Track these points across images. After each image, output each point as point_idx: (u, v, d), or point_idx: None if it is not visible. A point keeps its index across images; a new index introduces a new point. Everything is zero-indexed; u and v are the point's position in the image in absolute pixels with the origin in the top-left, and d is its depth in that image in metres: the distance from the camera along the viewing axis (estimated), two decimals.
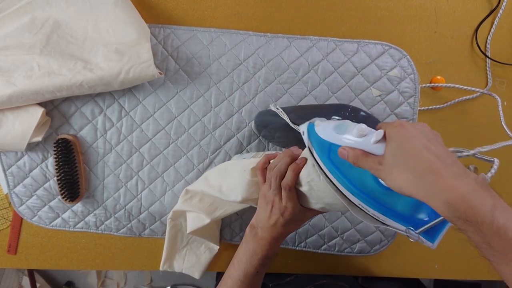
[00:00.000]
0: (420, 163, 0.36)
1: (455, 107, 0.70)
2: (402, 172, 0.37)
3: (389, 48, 0.66)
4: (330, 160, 0.44)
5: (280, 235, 0.53)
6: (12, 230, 0.69)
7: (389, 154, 0.38)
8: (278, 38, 0.66)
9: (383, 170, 0.38)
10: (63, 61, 0.58)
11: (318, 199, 0.49)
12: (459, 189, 0.33)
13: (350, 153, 0.41)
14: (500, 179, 0.71)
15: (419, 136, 0.38)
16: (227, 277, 0.55)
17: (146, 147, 0.66)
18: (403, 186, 0.37)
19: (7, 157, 0.65)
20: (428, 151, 0.36)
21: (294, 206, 0.50)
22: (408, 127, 0.38)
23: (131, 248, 0.70)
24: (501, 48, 0.69)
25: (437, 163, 0.35)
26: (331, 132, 0.44)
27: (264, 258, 0.53)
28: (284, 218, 0.51)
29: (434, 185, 0.34)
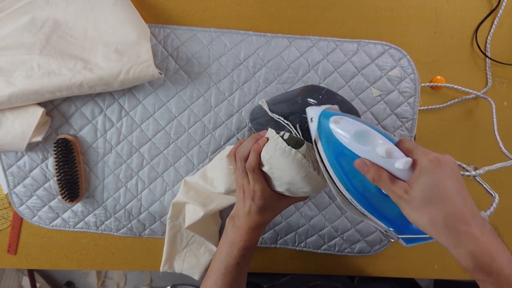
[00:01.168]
0: (452, 209, 0.35)
1: (455, 107, 0.70)
2: (431, 212, 0.36)
3: (389, 48, 0.66)
4: (336, 159, 0.43)
5: (257, 224, 0.52)
6: (12, 230, 0.69)
7: (420, 189, 0.37)
8: (278, 38, 0.66)
9: (408, 202, 0.37)
10: (63, 61, 0.58)
11: (279, 179, 0.48)
12: (483, 241, 0.34)
13: (373, 172, 0.39)
14: (501, 179, 0.71)
15: (454, 179, 0.37)
16: (210, 271, 0.55)
17: (146, 147, 0.66)
18: (428, 226, 0.36)
19: (7, 157, 0.65)
20: (461, 198, 0.36)
21: (263, 189, 0.50)
22: (444, 165, 0.37)
23: (131, 248, 0.70)
24: (501, 48, 0.69)
25: (467, 212, 0.35)
26: (350, 138, 0.41)
27: (243, 249, 0.52)
28: (256, 204, 0.50)
29: (462, 234, 0.35)
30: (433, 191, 0.36)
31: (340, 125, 0.42)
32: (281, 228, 0.68)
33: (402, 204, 0.38)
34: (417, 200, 0.37)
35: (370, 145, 0.40)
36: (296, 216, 0.68)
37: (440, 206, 0.36)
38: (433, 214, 0.36)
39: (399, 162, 0.38)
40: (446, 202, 0.36)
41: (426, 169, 0.37)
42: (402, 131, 0.66)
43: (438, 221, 0.36)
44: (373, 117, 0.65)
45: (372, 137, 0.40)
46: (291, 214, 0.68)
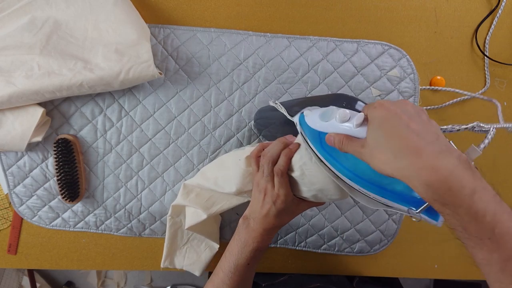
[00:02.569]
0: (398, 142, 0.34)
1: (455, 107, 0.70)
2: (382, 152, 0.35)
3: (388, 48, 0.66)
4: (323, 148, 0.43)
5: (272, 227, 0.52)
6: (12, 230, 0.69)
7: (370, 135, 0.37)
8: (278, 38, 0.66)
9: (365, 152, 0.37)
10: (63, 61, 0.58)
11: (310, 185, 0.49)
12: (439, 169, 0.31)
13: (335, 139, 0.40)
14: (500, 180, 0.71)
15: (400, 114, 0.35)
16: (219, 269, 0.54)
17: (146, 147, 0.66)
18: (384, 167, 0.35)
19: (7, 157, 0.65)
20: (408, 129, 0.34)
21: (287, 194, 0.50)
22: (389, 106, 0.36)
23: (131, 248, 0.70)
24: (500, 48, 0.69)
25: (417, 141, 0.33)
26: (317, 120, 0.43)
27: (256, 250, 0.52)
28: (276, 207, 0.50)
29: (413, 165, 0.33)
30: (379, 131, 0.36)
31: (310, 114, 0.45)
32: (281, 228, 0.68)
33: (364, 157, 0.38)
34: (370, 147, 0.36)
35: (331, 119, 0.41)
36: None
37: (387, 143, 0.35)
38: (384, 154, 0.35)
39: (352, 120, 0.38)
40: (391, 138, 0.34)
41: (372, 115, 0.37)
42: None
43: (389, 158, 0.34)
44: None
45: (333, 112, 0.42)
46: None
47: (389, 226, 0.69)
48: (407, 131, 0.34)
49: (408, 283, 1.56)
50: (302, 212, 0.55)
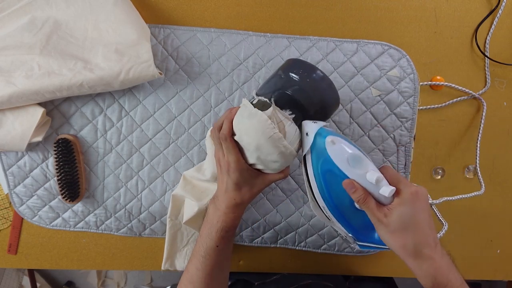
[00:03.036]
0: (422, 237, 0.42)
1: (454, 107, 0.70)
2: (405, 238, 0.42)
3: (388, 48, 0.66)
4: (322, 173, 0.47)
5: (234, 203, 0.51)
6: (13, 230, 0.69)
7: (399, 217, 0.42)
8: (278, 38, 0.66)
9: (386, 225, 0.43)
10: (63, 61, 0.58)
11: (248, 146, 0.48)
12: (441, 265, 0.42)
13: (359, 194, 0.44)
14: (500, 180, 0.71)
15: (426, 211, 0.43)
16: (192, 255, 0.54)
17: (146, 147, 0.66)
18: (399, 248, 0.43)
19: (8, 157, 0.65)
20: (430, 228, 0.43)
21: (236, 160, 0.49)
22: (421, 199, 0.43)
23: (131, 248, 0.70)
24: (500, 48, 0.69)
25: (431, 241, 0.42)
26: (344, 160, 0.45)
27: (221, 230, 0.51)
28: (231, 178, 0.49)
29: (426, 259, 0.42)
30: (409, 220, 0.42)
31: (335, 146, 0.46)
32: (281, 228, 0.68)
33: (380, 226, 0.44)
34: (394, 225, 0.43)
35: (361, 170, 0.45)
36: (296, 216, 0.68)
37: (412, 234, 0.42)
38: (406, 240, 0.42)
39: (385, 190, 0.43)
40: (418, 231, 0.42)
41: (407, 201, 0.43)
42: (401, 130, 0.66)
43: (409, 246, 0.42)
44: (372, 117, 0.65)
45: (364, 162, 0.45)
46: (291, 214, 0.68)
47: None
48: (429, 230, 0.43)
49: (408, 283, 1.56)
50: (264, 186, 0.52)
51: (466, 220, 0.71)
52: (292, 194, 0.67)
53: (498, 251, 0.73)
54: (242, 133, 0.48)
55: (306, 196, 0.67)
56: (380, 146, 0.66)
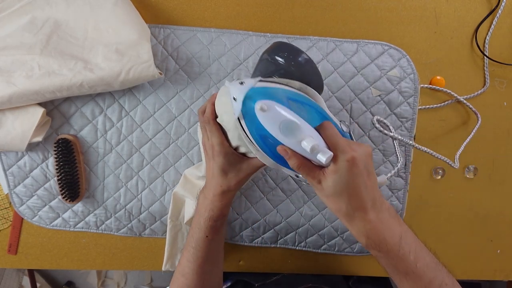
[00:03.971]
0: (355, 201, 0.42)
1: (455, 107, 0.70)
2: (338, 202, 0.42)
3: (388, 48, 0.66)
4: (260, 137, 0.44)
5: (221, 190, 0.50)
6: (13, 230, 0.69)
7: (332, 183, 0.42)
8: (278, 38, 0.66)
9: (320, 190, 0.43)
10: (63, 61, 0.58)
11: (228, 124, 0.47)
12: (376, 225, 0.42)
13: (293, 160, 0.42)
14: (500, 180, 0.71)
15: (364, 175, 0.42)
16: (184, 248, 0.53)
17: (146, 147, 0.66)
18: (335, 212, 0.44)
19: (8, 157, 0.65)
20: (365, 190, 0.42)
21: (220, 142, 0.48)
22: (359, 164, 0.41)
23: (131, 248, 0.70)
24: (501, 48, 0.69)
25: (367, 201, 0.42)
26: (276, 128, 0.42)
27: (210, 220, 0.50)
28: (217, 162, 0.49)
29: (358, 220, 0.42)
30: (343, 187, 0.41)
31: (266, 113, 0.42)
32: (281, 228, 0.68)
33: (316, 189, 0.44)
34: (328, 190, 0.42)
35: (295, 138, 0.42)
36: (296, 216, 0.68)
37: (346, 199, 0.42)
38: (339, 205, 0.42)
39: (321, 157, 0.41)
40: (352, 197, 0.42)
41: (341, 168, 0.41)
42: (401, 130, 0.66)
43: (343, 210, 0.42)
44: (373, 117, 0.65)
45: (299, 129, 0.42)
46: (291, 214, 0.68)
47: None
48: (364, 192, 0.42)
49: None
50: (250, 172, 0.51)
51: (466, 220, 0.71)
52: (292, 194, 0.67)
53: (498, 251, 0.73)
54: (222, 112, 0.47)
55: (306, 196, 0.67)
56: (380, 146, 0.66)
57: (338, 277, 0.77)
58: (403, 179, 0.67)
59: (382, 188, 0.67)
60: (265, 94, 0.44)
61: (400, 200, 0.68)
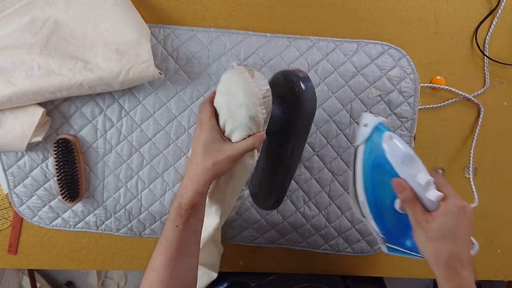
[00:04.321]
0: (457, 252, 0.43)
1: (454, 107, 0.70)
2: (440, 247, 0.43)
3: (388, 48, 0.66)
4: (372, 167, 0.48)
5: (199, 170, 0.47)
6: (13, 230, 0.69)
7: (440, 226, 0.43)
8: (278, 38, 0.66)
9: (425, 231, 0.44)
10: (63, 61, 0.58)
11: (221, 95, 0.50)
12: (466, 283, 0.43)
13: (407, 194, 0.45)
14: (500, 180, 0.71)
15: (468, 227, 0.44)
16: (157, 243, 0.50)
17: (146, 147, 0.66)
18: (431, 256, 0.44)
19: (7, 157, 0.65)
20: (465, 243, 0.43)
21: (209, 117, 0.49)
22: (467, 215, 0.43)
23: (131, 248, 0.70)
24: (501, 48, 0.69)
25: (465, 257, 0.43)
26: (398, 158, 0.46)
27: (178, 207, 0.47)
28: (201, 137, 0.48)
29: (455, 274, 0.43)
30: (450, 232, 0.43)
31: (392, 142, 0.46)
32: (281, 228, 0.68)
33: (418, 230, 0.45)
34: (433, 232, 0.43)
35: (413, 170, 0.45)
36: (296, 216, 0.68)
37: (449, 246, 0.43)
38: (441, 250, 0.43)
39: (432, 194, 0.43)
40: (455, 245, 0.43)
41: (452, 212, 0.43)
42: (402, 130, 0.66)
43: (442, 256, 0.43)
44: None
45: (416, 163, 0.46)
46: (291, 214, 0.68)
47: None
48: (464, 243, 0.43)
49: (408, 283, 1.56)
50: (230, 157, 0.49)
51: None
52: (292, 194, 0.67)
53: (498, 251, 0.73)
54: (218, 90, 0.50)
55: (306, 196, 0.67)
56: None
57: (336, 276, 0.77)
58: None
59: None
60: (388, 128, 0.48)
61: None
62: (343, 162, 0.66)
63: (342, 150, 0.66)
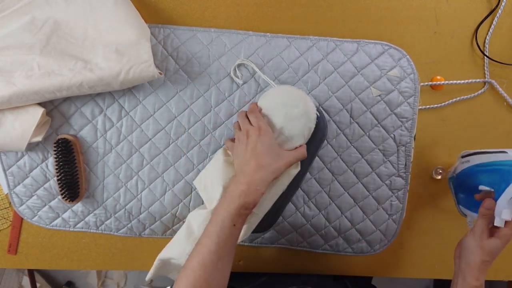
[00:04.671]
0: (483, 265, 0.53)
1: (454, 107, 0.70)
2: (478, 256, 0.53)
3: (389, 48, 0.66)
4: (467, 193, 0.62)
5: (263, 172, 0.49)
6: (13, 230, 0.69)
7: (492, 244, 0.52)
8: (278, 38, 0.66)
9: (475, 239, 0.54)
10: (63, 61, 0.58)
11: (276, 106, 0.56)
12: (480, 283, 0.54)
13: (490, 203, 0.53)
14: None
15: None
16: (204, 237, 0.49)
17: (146, 147, 0.66)
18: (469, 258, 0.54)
19: (7, 157, 0.65)
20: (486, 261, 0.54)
21: (267, 128, 0.52)
22: None
23: (131, 248, 0.70)
24: (501, 48, 0.69)
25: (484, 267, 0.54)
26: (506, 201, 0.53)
27: (242, 207, 0.48)
28: (262, 141, 0.51)
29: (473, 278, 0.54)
30: (493, 251, 0.52)
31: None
32: (281, 228, 0.68)
33: (471, 235, 0.54)
34: (481, 243, 0.53)
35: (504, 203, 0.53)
36: (296, 216, 0.68)
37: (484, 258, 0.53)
38: (477, 258, 0.53)
39: (508, 214, 0.52)
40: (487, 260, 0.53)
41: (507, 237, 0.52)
42: (402, 130, 0.66)
43: (477, 263, 0.53)
44: (373, 117, 0.65)
45: None
46: (291, 214, 0.68)
47: (389, 226, 0.69)
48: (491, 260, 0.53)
49: (408, 283, 1.56)
50: (286, 164, 0.52)
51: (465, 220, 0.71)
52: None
53: None
54: (267, 100, 0.57)
55: (306, 196, 0.67)
56: (380, 146, 0.66)
57: (327, 278, 0.77)
58: (403, 179, 0.67)
59: (382, 187, 0.67)
60: None
61: (400, 200, 0.68)
62: (343, 162, 0.66)
63: (342, 150, 0.66)
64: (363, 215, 0.68)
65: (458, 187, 0.65)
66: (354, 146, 0.66)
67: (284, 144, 0.55)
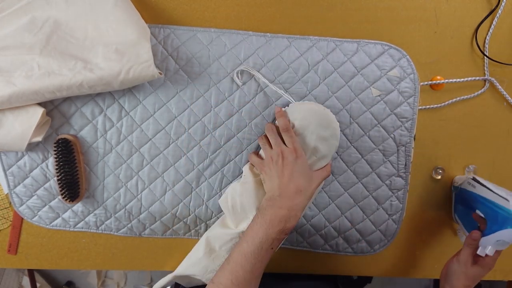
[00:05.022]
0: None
1: (454, 107, 0.70)
2: (472, 281, 0.58)
3: (389, 48, 0.66)
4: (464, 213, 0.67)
5: (302, 197, 0.51)
6: (13, 230, 0.69)
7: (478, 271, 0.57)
8: (278, 38, 0.66)
9: (463, 262, 0.58)
10: (63, 61, 0.58)
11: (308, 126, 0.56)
12: None
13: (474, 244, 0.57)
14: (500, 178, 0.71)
15: None
16: (237, 254, 0.49)
17: (146, 147, 0.66)
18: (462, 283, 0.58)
19: (8, 157, 0.65)
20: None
21: (302, 151, 0.53)
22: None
23: (131, 248, 0.70)
24: (500, 48, 0.69)
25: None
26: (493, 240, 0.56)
27: (283, 232, 0.49)
28: (299, 163, 0.51)
29: None
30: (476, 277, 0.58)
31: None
32: None
33: (456, 261, 0.59)
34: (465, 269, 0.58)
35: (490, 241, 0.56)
36: None
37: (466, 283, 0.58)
38: (460, 283, 0.58)
39: (491, 249, 0.55)
40: (469, 285, 0.58)
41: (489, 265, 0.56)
42: (402, 131, 0.66)
43: (473, 283, 0.58)
44: (372, 117, 0.65)
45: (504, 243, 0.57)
46: None
47: (389, 226, 0.69)
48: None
49: (408, 283, 1.56)
50: (317, 185, 0.55)
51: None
52: None
53: None
54: (298, 117, 0.57)
55: None
56: (380, 146, 0.66)
57: (321, 279, 0.77)
58: (403, 179, 0.67)
59: (382, 187, 0.67)
60: None
61: (400, 200, 0.68)
62: (343, 162, 0.66)
63: (342, 150, 0.66)
64: (363, 215, 0.68)
65: (459, 199, 0.68)
66: (354, 146, 0.66)
67: (314, 164, 0.57)
